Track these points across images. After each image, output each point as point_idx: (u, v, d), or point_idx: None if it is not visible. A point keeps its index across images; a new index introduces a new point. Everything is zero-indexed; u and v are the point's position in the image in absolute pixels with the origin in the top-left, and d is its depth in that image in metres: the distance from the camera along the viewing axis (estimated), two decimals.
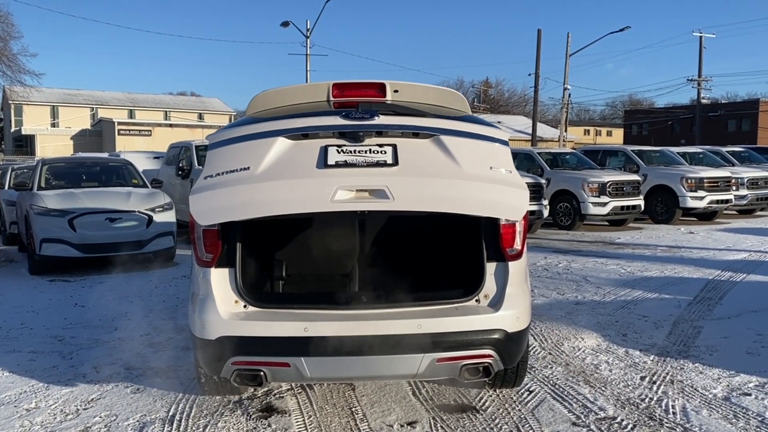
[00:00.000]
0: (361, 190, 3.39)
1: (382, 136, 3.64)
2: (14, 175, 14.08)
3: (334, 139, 3.62)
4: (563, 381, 4.62)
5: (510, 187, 3.51)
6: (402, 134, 3.65)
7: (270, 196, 3.40)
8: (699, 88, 45.52)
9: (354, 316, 3.66)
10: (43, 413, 4.15)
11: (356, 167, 3.50)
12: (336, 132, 3.63)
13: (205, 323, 3.64)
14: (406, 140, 3.64)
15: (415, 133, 3.68)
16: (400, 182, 3.42)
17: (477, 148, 3.70)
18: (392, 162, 3.53)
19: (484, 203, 3.47)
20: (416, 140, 3.66)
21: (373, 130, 3.64)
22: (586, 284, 8.16)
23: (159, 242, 9.78)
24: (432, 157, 3.60)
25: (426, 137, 3.67)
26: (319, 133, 3.64)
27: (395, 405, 4.21)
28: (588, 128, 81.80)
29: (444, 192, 3.43)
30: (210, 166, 3.65)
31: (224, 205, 3.44)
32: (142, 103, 57.42)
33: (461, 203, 3.44)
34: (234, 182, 3.46)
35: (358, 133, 3.61)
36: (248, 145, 3.64)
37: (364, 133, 3.62)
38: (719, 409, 4.11)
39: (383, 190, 3.37)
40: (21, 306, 7.28)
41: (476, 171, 3.53)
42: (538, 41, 34.17)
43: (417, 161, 3.55)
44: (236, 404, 4.23)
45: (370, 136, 3.62)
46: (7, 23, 34.28)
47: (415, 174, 3.49)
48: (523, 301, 3.80)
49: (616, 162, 16.82)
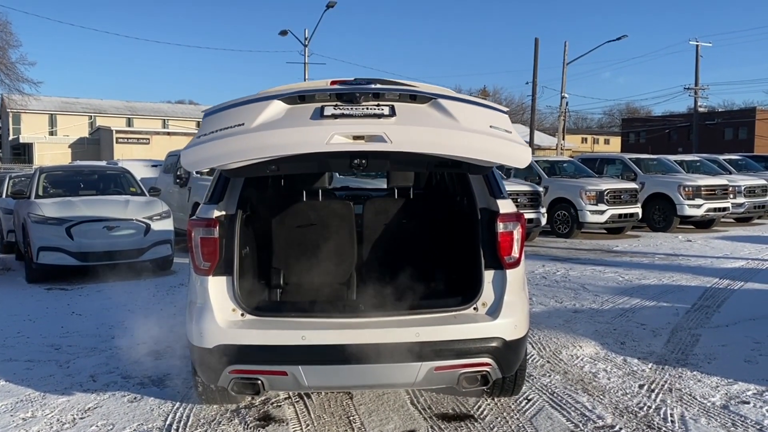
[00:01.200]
0: (358, 137, 3.30)
1: (380, 98, 3.53)
2: (12, 183, 14.07)
3: (330, 101, 3.52)
4: (561, 389, 4.61)
5: (512, 141, 3.42)
6: (399, 97, 3.56)
7: (263, 142, 3.31)
8: (696, 97, 45.66)
9: (352, 324, 3.66)
10: (39, 422, 4.13)
11: (353, 117, 3.40)
12: (333, 94, 3.54)
13: (203, 332, 3.63)
14: (403, 103, 3.54)
15: (412, 96, 3.60)
16: (398, 129, 3.32)
17: (476, 111, 3.63)
18: (389, 114, 3.42)
19: (486, 150, 3.36)
20: (414, 104, 3.57)
21: (370, 92, 3.55)
22: (584, 292, 8.16)
23: (157, 250, 9.76)
24: (431, 116, 3.50)
25: (424, 101, 3.59)
26: (315, 95, 3.55)
27: (393, 414, 4.20)
28: (585, 136, 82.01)
29: (444, 138, 3.33)
30: (203, 128, 3.56)
31: (216, 154, 3.34)
32: (141, 112, 57.45)
33: (463, 148, 3.32)
34: (227, 135, 3.37)
35: (355, 95, 3.51)
36: (243, 108, 3.57)
37: (361, 95, 3.51)
38: (718, 417, 4.10)
39: (380, 135, 3.27)
40: (18, 314, 7.25)
41: (477, 127, 3.43)
42: (536, 50, 34.30)
43: (415, 116, 3.46)
44: (234, 413, 4.22)
45: (367, 99, 3.51)
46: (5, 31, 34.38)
47: (413, 123, 3.39)
48: (521, 309, 3.80)
49: (614, 170, 16.85)
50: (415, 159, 3.49)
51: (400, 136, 3.28)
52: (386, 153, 3.37)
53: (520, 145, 3.42)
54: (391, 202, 4.68)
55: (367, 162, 3.47)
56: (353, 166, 3.47)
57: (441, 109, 3.52)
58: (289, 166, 3.54)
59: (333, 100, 3.52)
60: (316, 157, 3.44)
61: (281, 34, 30.96)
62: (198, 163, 3.45)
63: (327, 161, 3.54)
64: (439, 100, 3.57)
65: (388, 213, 4.66)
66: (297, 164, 3.57)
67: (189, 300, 3.91)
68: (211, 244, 3.76)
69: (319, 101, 3.52)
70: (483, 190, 4.00)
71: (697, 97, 45.62)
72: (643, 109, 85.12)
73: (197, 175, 12.79)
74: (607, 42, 33.88)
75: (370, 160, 3.47)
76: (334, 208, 4.61)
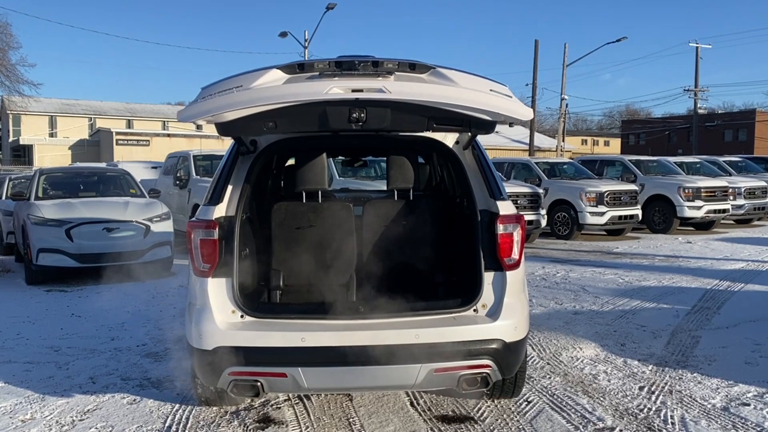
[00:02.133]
0: (357, 90, 3.34)
1: (378, 67, 3.55)
2: (11, 184, 14.06)
3: (329, 69, 3.55)
4: (561, 391, 4.61)
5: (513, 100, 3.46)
6: (398, 66, 3.59)
7: (261, 95, 3.34)
8: (696, 98, 45.67)
9: (351, 326, 3.65)
10: (38, 424, 4.12)
11: (352, 75, 3.46)
12: (332, 62, 3.57)
13: (202, 333, 3.63)
14: (403, 72, 3.58)
15: (411, 66, 3.62)
16: (397, 83, 3.40)
17: (476, 78, 3.65)
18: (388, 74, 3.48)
19: (489, 104, 3.39)
20: (413, 73, 3.61)
21: (369, 60, 3.57)
22: (584, 294, 8.15)
23: (156, 252, 9.75)
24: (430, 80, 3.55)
25: (423, 71, 3.62)
26: (314, 64, 3.58)
27: (393, 416, 4.19)
28: (585, 138, 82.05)
29: (445, 92, 3.38)
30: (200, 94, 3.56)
31: (213, 106, 3.35)
32: (140, 113, 57.45)
33: (465, 100, 3.36)
34: (225, 94, 3.39)
35: (353, 62, 3.54)
36: (241, 76, 3.57)
37: (360, 62, 3.54)
38: (718, 419, 4.10)
39: (380, 88, 3.32)
40: (17, 316, 7.25)
41: (477, 88, 3.47)
42: (536, 52, 34.32)
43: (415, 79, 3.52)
44: (233, 415, 4.21)
45: (366, 68, 3.54)
46: (5, 33, 34.38)
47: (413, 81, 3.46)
48: (521, 311, 3.79)
49: (614, 172, 16.85)
50: (415, 114, 3.50)
51: (399, 89, 3.35)
52: (385, 102, 3.40)
53: (521, 104, 3.46)
54: (390, 204, 4.67)
55: (366, 115, 3.46)
56: (352, 119, 3.46)
57: (440, 76, 3.57)
58: (287, 122, 3.50)
59: (332, 69, 3.55)
60: (314, 110, 3.43)
61: (281, 35, 30.99)
62: (194, 115, 3.41)
63: (326, 114, 3.48)
64: (438, 69, 3.62)
65: (387, 215, 4.65)
66: (295, 119, 3.52)
67: (188, 302, 3.90)
68: (211, 246, 3.75)
69: (318, 69, 3.56)
70: (483, 191, 4.00)
71: (696, 98, 45.64)
72: (642, 110, 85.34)
73: (197, 176, 12.80)
74: (607, 44, 34.05)
75: (369, 113, 3.45)
76: (334, 209, 4.61)
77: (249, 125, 3.50)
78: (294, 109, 3.40)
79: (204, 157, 13.62)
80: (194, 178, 12.81)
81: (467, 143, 4.17)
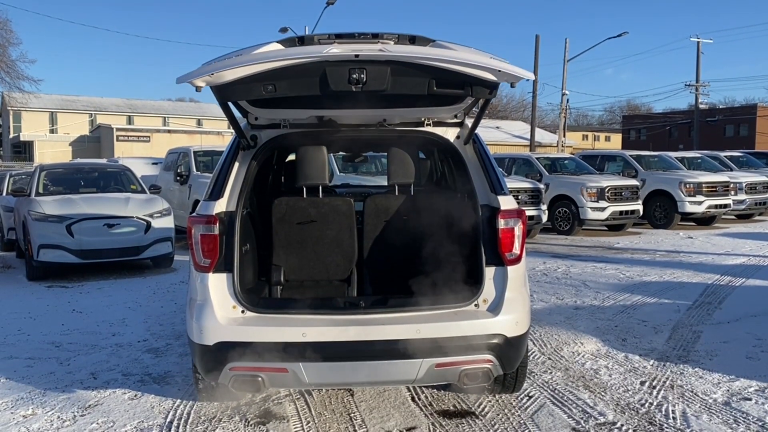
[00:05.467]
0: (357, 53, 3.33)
1: (378, 38, 3.56)
2: (12, 181, 14.07)
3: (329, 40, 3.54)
4: (563, 386, 4.60)
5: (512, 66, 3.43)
6: (398, 38, 3.59)
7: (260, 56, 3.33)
8: (697, 94, 45.60)
9: (352, 321, 3.65)
10: (39, 420, 4.13)
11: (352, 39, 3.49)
12: (332, 35, 3.57)
13: (203, 329, 3.63)
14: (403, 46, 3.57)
15: (411, 39, 3.62)
16: (397, 47, 3.43)
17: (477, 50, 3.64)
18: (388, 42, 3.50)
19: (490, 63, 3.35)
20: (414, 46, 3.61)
21: (369, 33, 3.58)
22: (585, 289, 8.15)
23: (157, 248, 9.76)
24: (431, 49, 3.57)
25: (424, 43, 3.62)
26: (314, 37, 3.58)
27: (394, 411, 4.20)
28: (586, 133, 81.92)
29: (445, 53, 3.38)
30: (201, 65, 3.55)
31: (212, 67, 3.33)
32: (141, 109, 57.45)
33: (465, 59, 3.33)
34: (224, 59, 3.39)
35: (353, 34, 3.55)
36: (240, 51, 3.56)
37: (359, 35, 3.55)
38: (719, 413, 4.09)
39: (379, 49, 3.33)
40: (18, 312, 7.25)
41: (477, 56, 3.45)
42: (536, 47, 34.27)
43: None
44: (234, 410, 4.21)
45: (366, 39, 3.54)
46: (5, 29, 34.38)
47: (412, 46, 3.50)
48: (522, 306, 3.79)
49: (615, 167, 16.83)
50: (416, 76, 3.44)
51: (398, 50, 3.35)
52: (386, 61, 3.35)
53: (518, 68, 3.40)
54: (391, 199, 4.67)
55: (366, 76, 3.40)
56: (352, 81, 3.40)
57: (441, 47, 3.56)
58: (286, 84, 3.46)
59: (332, 40, 3.54)
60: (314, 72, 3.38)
61: (281, 31, 30.88)
62: (193, 76, 3.34)
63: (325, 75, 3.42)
64: (438, 41, 3.62)
65: (388, 210, 4.65)
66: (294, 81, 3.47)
67: (189, 297, 3.90)
68: (211, 241, 3.75)
69: (318, 42, 3.55)
70: (484, 186, 4.00)
71: (698, 94, 45.57)
72: (643, 106, 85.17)
73: (198, 172, 12.80)
74: (608, 39, 33.90)
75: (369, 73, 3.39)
76: (335, 204, 4.60)
77: (248, 87, 3.43)
78: (293, 70, 3.35)
79: (204, 153, 13.62)
80: (195, 174, 12.80)
81: (467, 137, 4.16)
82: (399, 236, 4.59)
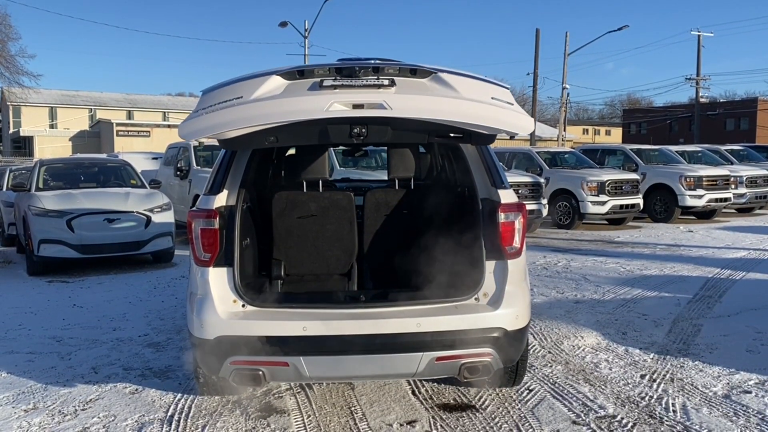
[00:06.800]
0: (358, 105, 3.30)
1: (380, 72, 3.52)
2: (12, 176, 14.06)
3: (330, 75, 3.52)
4: (563, 379, 4.61)
5: (515, 111, 3.42)
6: (399, 71, 3.56)
7: (261, 111, 3.31)
8: (697, 87, 45.52)
9: (353, 315, 3.66)
10: (41, 414, 4.14)
11: (353, 87, 3.41)
12: (332, 69, 3.54)
13: (204, 323, 3.63)
14: (404, 78, 3.54)
15: (412, 71, 3.59)
16: (398, 97, 3.34)
17: (477, 84, 3.62)
18: (389, 84, 3.43)
19: (488, 117, 3.36)
20: (414, 78, 3.58)
21: (369, 66, 3.54)
22: (585, 283, 8.15)
23: (157, 243, 9.76)
24: (431, 88, 3.51)
25: (424, 76, 3.59)
26: (314, 70, 3.55)
27: (395, 404, 4.20)
28: (587, 127, 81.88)
29: (445, 105, 3.34)
30: (201, 104, 3.55)
31: (214, 123, 3.34)
32: (141, 104, 57.36)
33: (464, 115, 3.32)
34: (225, 107, 3.37)
35: (354, 68, 3.50)
36: (241, 84, 3.56)
37: (360, 68, 3.50)
38: (719, 406, 4.10)
39: (381, 103, 3.28)
40: (19, 307, 7.26)
41: (478, 97, 3.43)
42: (537, 41, 34.19)
43: (416, 88, 3.47)
44: (235, 404, 4.22)
45: (367, 73, 3.50)
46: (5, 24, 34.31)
47: (413, 93, 3.41)
48: (522, 300, 3.79)
49: (615, 161, 16.81)
50: (415, 127, 3.47)
51: (400, 104, 3.30)
52: (386, 119, 3.37)
53: (522, 114, 3.42)
54: (391, 193, 4.66)
55: (367, 131, 3.45)
56: (353, 135, 3.45)
57: (442, 83, 3.54)
58: (288, 136, 3.50)
59: (332, 75, 3.51)
60: (315, 126, 3.41)
61: (281, 25, 30.87)
62: (195, 133, 3.41)
63: (326, 130, 3.48)
64: (439, 74, 3.58)
65: (388, 204, 4.65)
66: (296, 134, 3.51)
67: (190, 291, 3.90)
68: (212, 236, 3.75)
69: (319, 76, 3.52)
70: (484, 180, 3.99)
71: (698, 87, 45.49)
72: (644, 99, 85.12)
73: (198, 167, 12.78)
74: (609, 32, 33.73)
75: (370, 128, 3.44)
76: (335, 199, 4.60)
77: (250, 140, 3.49)
78: (295, 125, 3.39)
79: (204, 148, 13.58)
80: (195, 169, 12.78)
81: None
82: (399, 230, 4.59)
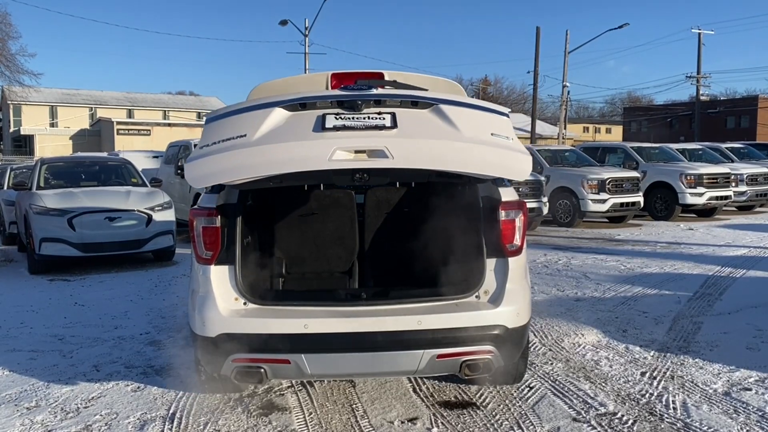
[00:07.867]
0: (360, 151, 3.32)
1: (381, 105, 3.56)
2: (13, 174, 14.07)
3: (332, 108, 3.55)
4: (563, 377, 4.62)
5: (513, 151, 3.44)
6: (401, 103, 3.58)
7: (266, 158, 3.34)
8: (698, 85, 45.49)
9: (354, 312, 3.67)
10: (43, 412, 4.15)
11: (354, 130, 3.43)
12: (334, 101, 3.57)
13: (205, 320, 3.64)
14: (405, 110, 3.56)
15: (413, 102, 3.62)
16: (399, 143, 3.35)
17: (477, 116, 3.63)
18: (391, 125, 3.44)
19: (487, 163, 3.38)
20: (415, 110, 3.59)
21: (371, 99, 3.57)
22: (585, 281, 8.16)
23: (158, 241, 9.77)
24: (431, 123, 3.52)
25: (425, 107, 3.61)
26: (316, 102, 3.58)
27: (396, 401, 4.22)
28: (587, 125, 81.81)
29: (445, 152, 3.35)
30: (205, 137, 3.58)
31: (220, 169, 3.38)
32: (141, 103, 57.33)
33: (463, 162, 3.35)
34: (230, 148, 3.39)
35: (356, 102, 3.53)
36: (244, 116, 3.59)
37: (362, 102, 3.54)
38: (720, 404, 4.11)
39: (382, 150, 3.30)
40: (21, 305, 7.27)
41: (478, 136, 3.44)
42: (537, 39, 34.17)
43: (416, 126, 3.48)
44: (237, 402, 4.23)
45: (368, 106, 3.54)
46: (5, 23, 34.36)
47: (414, 136, 3.42)
48: (523, 298, 3.80)
49: (616, 159, 16.81)
50: (416, 174, 3.59)
51: (401, 151, 3.32)
52: (387, 170, 3.46)
53: (520, 155, 3.44)
54: (392, 191, 4.67)
55: (369, 176, 3.54)
56: (355, 179, 3.55)
57: (442, 116, 3.55)
58: (292, 179, 3.58)
59: (334, 107, 3.55)
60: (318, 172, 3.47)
61: (281, 23, 30.87)
62: (203, 179, 3.48)
63: (329, 177, 3.59)
64: (440, 106, 3.59)
65: (389, 202, 4.66)
66: (300, 178, 3.61)
67: (191, 289, 3.91)
68: (213, 233, 3.76)
69: (321, 108, 3.56)
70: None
71: (699, 85, 45.46)
72: (644, 97, 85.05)
73: None
74: (609, 30, 33.72)
75: (371, 173, 3.53)
76: (336, 197, 4.61)
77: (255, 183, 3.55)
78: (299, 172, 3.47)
79: None
80: None
81: None
82: (400, 228, 4.60)
